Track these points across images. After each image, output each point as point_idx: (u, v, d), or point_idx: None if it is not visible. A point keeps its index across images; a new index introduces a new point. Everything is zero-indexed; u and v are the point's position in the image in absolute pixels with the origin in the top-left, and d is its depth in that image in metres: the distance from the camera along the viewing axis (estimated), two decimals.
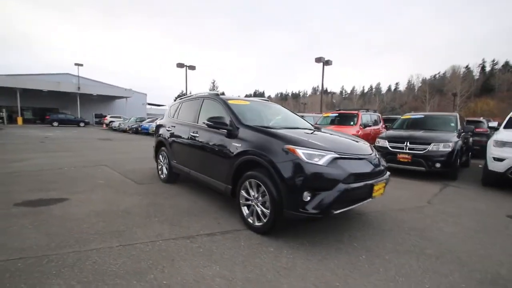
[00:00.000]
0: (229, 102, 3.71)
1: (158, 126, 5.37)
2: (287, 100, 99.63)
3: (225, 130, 3.34)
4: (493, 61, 70.91)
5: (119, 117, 26.82)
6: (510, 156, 4.84)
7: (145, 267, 2.16)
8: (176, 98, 71.65)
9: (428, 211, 3.85)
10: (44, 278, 1.98)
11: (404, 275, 2.20)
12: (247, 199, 2.99)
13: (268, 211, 2.69)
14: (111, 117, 27.39)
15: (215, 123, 3.34)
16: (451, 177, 6.00)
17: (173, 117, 4.93)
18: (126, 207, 3.58)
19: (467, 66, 72.06)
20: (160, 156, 5.09)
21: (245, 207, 3.02)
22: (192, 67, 23.97)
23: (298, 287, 1.98)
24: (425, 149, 5.91)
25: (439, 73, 77.77)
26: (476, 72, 72.26)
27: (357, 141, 3.31)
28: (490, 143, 5.34)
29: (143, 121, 21.47)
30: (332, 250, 2.57)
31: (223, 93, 4.37)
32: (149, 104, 47.52)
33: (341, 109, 9.94)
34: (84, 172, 5.69)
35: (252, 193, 2.90)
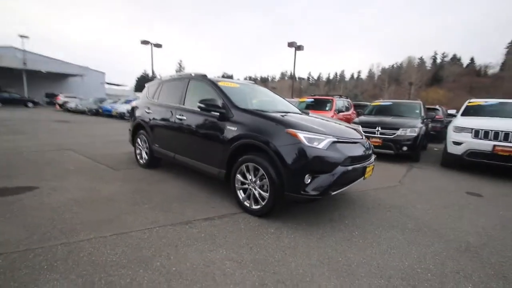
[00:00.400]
0: (220, 84, 3.57)
1: (135, 108, 5.01)
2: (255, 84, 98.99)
3: (217, 113, 3.24)
4: (443, 53, 77.47)
5: (74, 97, 24.27)
6: (467, 141, 5.44)
7: (149, 255, 2.07)
8: (138, 78, 67.23)
9: (401, 190, 4.22)
10: (35, 274, 1.80)
11: (394, 247, 2.41)
12: (243, 183, 2.98)
13: (267, 194, 2.72)
14: (65, 96, 24.63)
15: (207, 106, 3.20)
16: (415, 159, 6.61)
17: (152, 98, 4.62)
18: (108, 194, 3.35)
19: (421, 58, 77.84)
20: (139, 140, 4.78)
21: (241, 191, 3.02)
22: (158, 45, 22.35)
23: (305, 265, 2.07)
24: (394, 133, 6.38)
25: (396, 63, 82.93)
26: (428, 63, 78.51)
27: (347, 126, 3.44)
28: (450, 128, 5.94)
29: (103, 101, 19.78)
30: (327, 229, 2.71)
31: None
32: (108, 83, 43.77)
33: (315, 95, 10.19)
34: (48, 157, 5.14)
35: (249, 176, 2.89)
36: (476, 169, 5.86)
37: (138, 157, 4.85)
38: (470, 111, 6.58)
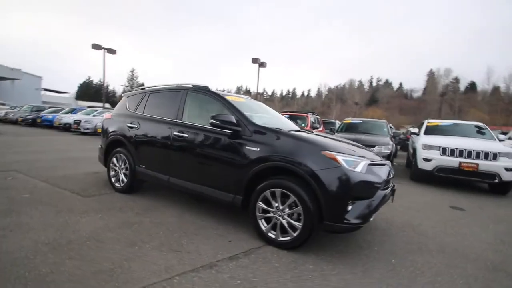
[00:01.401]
0: (228, 98, 3.21)
1: (109, 121, 4.25)
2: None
3: (230, 131, 2.86)
4: (378, 78, 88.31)
5: (3, 104, 20.37)
6: (436, 157, 5.97)
7: None
8: (81, 84, 59.90)
9: (395, 207, 4.31)
10: None
11: (437, 274, 2.32)
12: (265, 211, 2.63)
13: (299, 224, 2.42)
14: None
15: (222, 122, 2.80)
16: None
17: (134, 111, 3.97)
18: (90, 231, 2.63)
19: (360, 80, 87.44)
20: (114, 159, 4.02)
21: (263, 220, 2.65)
22: (111, 51, 20.36)
23: None
24: (370, 151, 6.69)
25: (340, 84, 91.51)
26: (366, 86, 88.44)
27: (363, 148, 3.38)
28: (419, 146, 6.47)
29: (42, 110, 17.00)
30: (363, 258, 2.51)
31: (142, 84, 3.74)
32: (46, 90, 38.32)
33: (287, 111, 10.34)
34: None
35: (275, 204, 2.55)
36: (443, 183, 6.45)
37: (113, 179, 4.06)
38: (431, 130, 7.33)
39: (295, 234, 2.45)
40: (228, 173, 2.85)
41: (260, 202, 2.63)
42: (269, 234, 2.59)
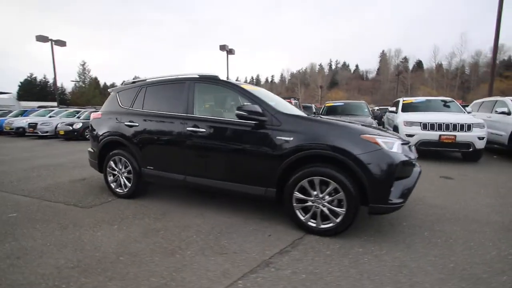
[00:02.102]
0: (245, 87, 3.02)
1: (98, 121, 3.78)
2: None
3: (255, 122, 2.71)
4: (336, 61, 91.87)
5: None
6: (418, 132, 6.42)
7: None
8: (22, 83, 52.07)
9: None
10: None
11: (468, 240, 2.50)
12: (302, 201, 2.57)
13: (343, 209, 2.41)
14: None
15: (249, 113, 2.64)
16: None
17: (130, 107, 3.57)
18: (116, 247, 2.34)
19: (320, 64, 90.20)
20: (112, 163, 3.61)
21: (301, 210, 2.60)
22: (60, 42, 18.00)
23: (435, 280, 1.89)
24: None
25: (302, 68, 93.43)
26: (326, 69, 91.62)
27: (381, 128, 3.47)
28: (401, 123, 6.89)
29: None
30: (400, 235, 2.60)
31: (96, 79, 3.45)
32: None
33: None
34: None
35: (313, 192, 2.51)
36: (423, 156, 6.99)
37: (113, 185, 3.66)
38: (407, 108, 7.85)
39: (338, 220, 2.45)
40: (258, 166, 2.72)
41: (296, 192, 2.57)
42: (309, 223, 2.56)
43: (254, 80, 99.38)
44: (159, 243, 2.40)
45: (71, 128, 10.72)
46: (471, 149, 5.96)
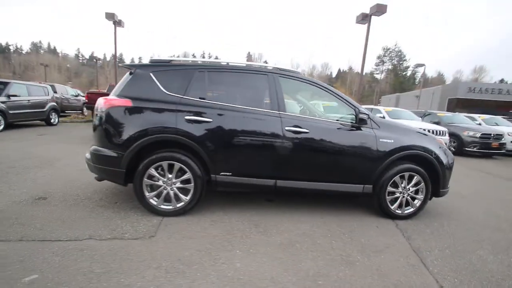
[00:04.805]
0: (328, 86, 3.08)
1: (133, 111, 2.61)
2: None
3: (357, 124, 2.91)
4: (209, 54, 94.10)
5: None
6: None
7: None
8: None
9: None
10: None
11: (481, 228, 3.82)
12: (391, 193, 3.05)
13: (422, 196, 3.09)
14: None
15: (368, 117, 2.82)
16: None
17: (184, 96, 2.71)
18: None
19: (193, 54, 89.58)
20: (153, 170, 2.62)
21: (390, 201, 3.07)
22: None
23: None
24: None
25: (173, 55, 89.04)
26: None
27: None
28: None
29: None
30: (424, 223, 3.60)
31: None
32: None
33: None
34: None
35: (403, 185, 3.04)
36: None
37: (154, 200, 2.67)
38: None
39: (417, 205, 3.11)
40: (360, 166, 2.93)
41: (389, 187, 3.01)
42: (397, 211, 3.08)
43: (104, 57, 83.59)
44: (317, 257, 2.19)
45: None
46: None
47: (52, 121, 9.50)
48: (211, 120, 2.67)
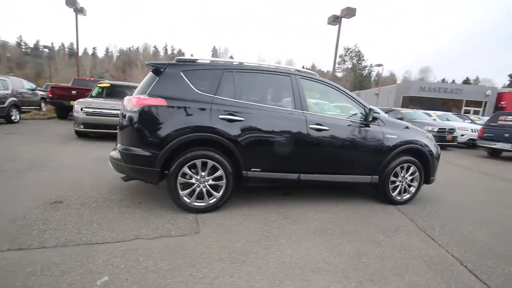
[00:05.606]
0: (343, 89, 3.41)
1: (167, 110, 2.62)
2: None
3: (366, 122, 3.29)
4: (172, 47, 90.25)
5: None
6: None
7: None
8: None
9: None
10: None
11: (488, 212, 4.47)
12: (392, 182, 3.50)
13: (416, 183, 3.59)
14: None
15: (379, 115, 3.19)
16: None
17: (216, 95, 2.79)
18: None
19: (155, 46, 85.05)
20: (187, 169, 2.68)
21: (391, 189, 3.51)
22: None
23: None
24: None
25: (132, 46, 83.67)
26: (162, 53, 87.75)
27: None
28: None
29: None
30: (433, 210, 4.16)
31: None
32: None
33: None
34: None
35: (402, 174, 3.50)
36: None
37: (187, 198, 2.73)
38: None
39: (413, 191, 3.60)
40: (371, 158, 3.31)
41: (393, 177, 3.45)
42: (397, 198, 3.53)
43: (67, 50, 76.45)
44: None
45: None
46: None
47: (13, 118, 8.49)
48: (243, 119, 2.80)
